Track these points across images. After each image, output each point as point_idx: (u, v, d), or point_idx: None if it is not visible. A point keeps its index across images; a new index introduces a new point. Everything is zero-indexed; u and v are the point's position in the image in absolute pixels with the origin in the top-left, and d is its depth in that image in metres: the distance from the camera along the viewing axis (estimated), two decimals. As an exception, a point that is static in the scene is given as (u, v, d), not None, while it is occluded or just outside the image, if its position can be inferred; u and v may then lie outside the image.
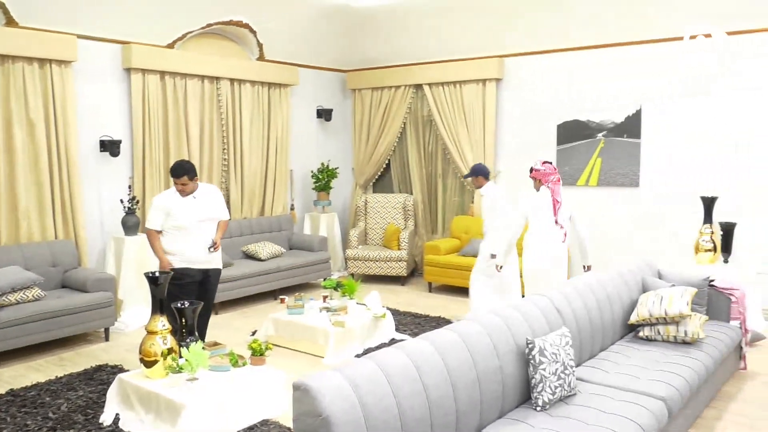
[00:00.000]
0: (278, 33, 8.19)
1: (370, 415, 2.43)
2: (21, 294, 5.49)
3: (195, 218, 5.04)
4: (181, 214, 5.00)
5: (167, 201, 5.02)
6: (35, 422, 4.18)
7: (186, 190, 5.01)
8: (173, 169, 5.00)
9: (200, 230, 5.08)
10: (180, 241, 5.02)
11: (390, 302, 7.41)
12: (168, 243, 5.04)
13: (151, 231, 5.05)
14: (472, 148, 8.34)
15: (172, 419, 3.83)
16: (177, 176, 4.97)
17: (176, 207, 5.00)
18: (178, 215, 4.99)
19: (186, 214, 5.01)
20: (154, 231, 5.04)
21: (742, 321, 4.89)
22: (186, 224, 5.01)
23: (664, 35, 6.88)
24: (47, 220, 6.28)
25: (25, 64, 6.05)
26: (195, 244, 5.06)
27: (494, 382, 3.07)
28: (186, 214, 5.01)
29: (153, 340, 4.14)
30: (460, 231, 8.43)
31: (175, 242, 5.03)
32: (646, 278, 4.85)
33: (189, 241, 5.03)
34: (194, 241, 5.05)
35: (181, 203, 5.02)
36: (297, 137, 8.99)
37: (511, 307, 3.56)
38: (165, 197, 5.07)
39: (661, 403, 3.38)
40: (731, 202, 6.57)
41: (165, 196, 5.10)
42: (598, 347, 4.16)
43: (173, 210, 4.99)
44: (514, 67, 8.10)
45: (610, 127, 7.39)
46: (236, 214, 8.14)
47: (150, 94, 7.01)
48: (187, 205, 5.03)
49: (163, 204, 5.01)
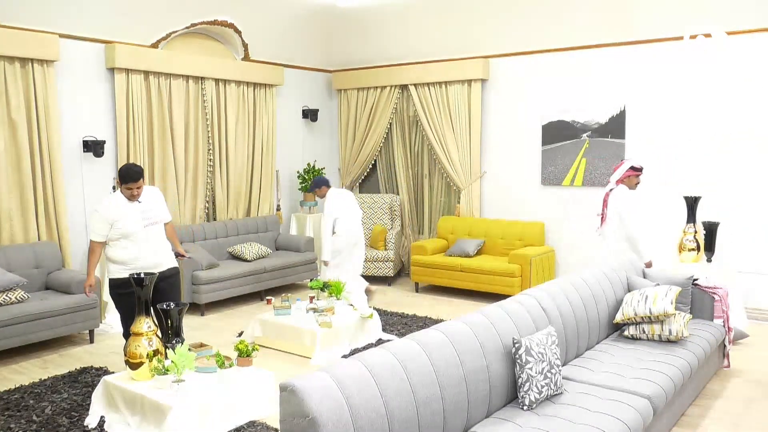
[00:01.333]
0: (263, 33, 8.16)
1: (357, 416, 2.43)
2: (4, 296, 5.43)
3: (143, 223, 4.76)
4: (129, 220, 4.71)
5: (114, 210, 4.71)
6: (19, 425, 4.13)
7: (139, 194, 4.75)
8: (127, 174, 4.69)
9: (148, 235, 4.81)
10: (130, 248, 4.74)
11: (377, 302, 7.42)
12: (116, 253, 4.73)
13: (97, 244, 4.75)
14: (458, 149, 8.36)
15: (158, 421, 3.81)
16: (134, 180, 4.68)
17: (123, 214, 4.71)
18: (126, 222, 4.70)
19: (134, 220, 4.73)
20: (100, 243, 4.75)
21: (726, 319, 4.94)
22: (135, 230, 4.73)
23: (647, 36, 6.94)
24: (30, 222, 6.22)
25: (6, 63, 5.98)
26: (146, 250, 4.79)
27: (481, 382, 3.08)
28: (134, 220, 4.73)
29: (138, 342, 4.11)
30: (447, 231, 8.45)
31: (125, 251, 4.73)
32: (631, 277, 4.88)
33: (141, 248, 4.76)
34: (146, 247, 4.78)
35: (128, 209, 4.73)
36: (283, 138, 8.96)
37: (497, 307, 3.57)
38: (111, 206, 4.74)
39: (646, 401, 3.41)
40: (714, 201, 6.64)
41: (111, 205, 4.75)
42: (584, 346, 4.19)
43: (120, 218, 4.69)
44: (499, 67, 8.13)
45: (595, 128, 7.44)
46: (222, 214, 8.10)
47: (134, 94, 6.96)
48: (134, 210, 4.75)
49: (110, 214, 4.69)
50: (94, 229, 4.75)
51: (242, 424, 4.11)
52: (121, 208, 4.71)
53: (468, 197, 8.42)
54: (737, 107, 6.57)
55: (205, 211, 7.98)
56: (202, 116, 7.81)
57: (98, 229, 4.71)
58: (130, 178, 4.66)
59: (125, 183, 4.69)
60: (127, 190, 4.70)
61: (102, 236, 4.70)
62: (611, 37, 7.19)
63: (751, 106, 6.50)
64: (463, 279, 7.64)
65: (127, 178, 4.67)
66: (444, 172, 8.62)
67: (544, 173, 7.86)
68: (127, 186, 4.69)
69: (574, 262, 7.64)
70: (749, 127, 6.53)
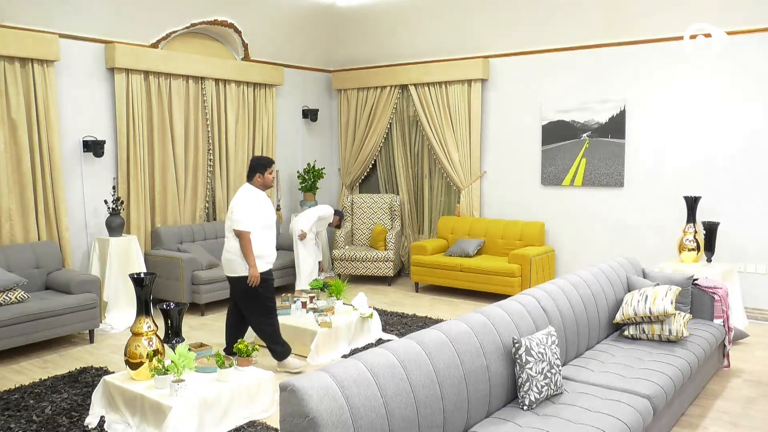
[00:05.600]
0: (263, 33, 8.16)
1: (357, 416, 2.43)
2: (4, 296, 5.43)
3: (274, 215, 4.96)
4: (270, 210, 4.86)
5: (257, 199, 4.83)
6: (19, 425, 4.13)
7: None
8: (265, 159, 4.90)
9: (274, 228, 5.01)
10: (268, 242, 4.88)
11: (377, 302, 7.42)
12: (256, 246, 4.82)
13: (248, 233, 4.79)
14: (458, 149, 8.36)
15: (158, 421, 3.81)
16: (269, 165, 4.89)
17: (265, 203, 4.83)
18: (268, 212, 4.83)
19: (272, 210, 4.91)
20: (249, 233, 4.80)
21: (726, 319, 4.94)
22: (273, 222, 4.89)
23: (647, 36, 6.95)
24: (30, 221, 6.22)
25: (6, 63, 5.98)
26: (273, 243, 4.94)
27: (481, 382, 3.08)
28: (272, 210, 4.91)
29: (138, 342, 4.11)
30: (447, 231, 8.45)
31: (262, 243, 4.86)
32: (631, 277, 4.88)
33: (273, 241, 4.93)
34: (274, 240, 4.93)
35: (265, 199, 4.86)
36: (283, 138, 8.96)
37: (497, 306, 3.57)
38: (253, 195, 4.86)
39: (646, 401, 3.41)
40: (714, 201, 6.64)
41: (251, 193, 4.88)
42: (584, 346, 4.19)
43: (263, 207, 4.81)
44: (499, 67, 8.13)
45: (595, 128, 7.44)
46: (222, 214, 8.10)
47: (134, 94, 6.97)
48: (268, 201, 4.91)
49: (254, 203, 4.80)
50: (243, 218, 4.80)
51: (242, 424, 4.11)
52: (262, 197, 4.89)
53: (468, 197, 8.42)
54: (737, 107, 6.57)
55: (205, 211, 7.98)
56: (202, 116, 7.81)
57: (249, 216, 4.80)
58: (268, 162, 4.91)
59: (265, 168, 4.89)
60: (269, 174, 4.90)
61: (252, 224, 4.81)
62: (611, 37, 7.19)
63: (751, 106, 6.50)
64: (463, 279, 7.64)
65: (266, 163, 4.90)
66: (444, 172, 8.61)
67: (544, 173, 7.86)
68: (268, 171, 4.89)
69: (574, 262, 7.65)
70: (749, 127, 6.53)
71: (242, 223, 4.81)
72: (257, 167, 4.98)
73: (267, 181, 4.98)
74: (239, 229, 4.81)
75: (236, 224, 4.82)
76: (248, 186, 5.00)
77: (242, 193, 4.96)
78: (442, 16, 7.98)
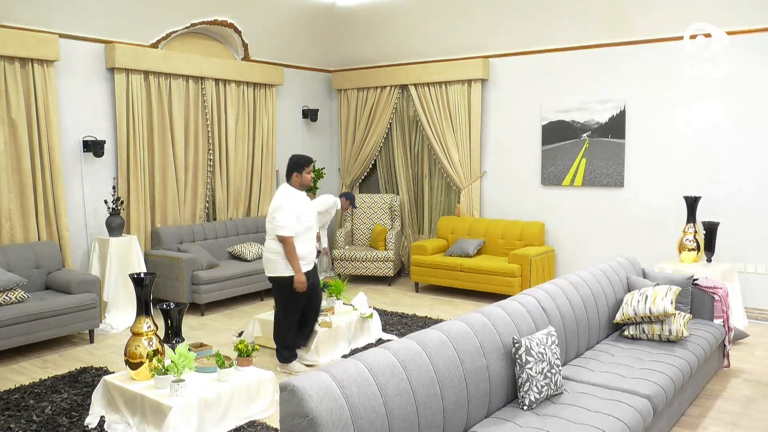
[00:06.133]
0: (263, 33, 8.16)
1: (357, 416, 2.43)
2: (4, 296, 5.43)
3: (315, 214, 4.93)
4: (308, 211, 4.82)
5: (296, 200, 4.78)
6: (19, 425, 4.13)
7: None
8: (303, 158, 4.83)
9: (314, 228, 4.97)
10: (308, 243, 4.84)
11: (377, 302, 7.42)
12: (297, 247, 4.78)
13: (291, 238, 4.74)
14: (458, 149, 8.36)
15: (158, 421, 3.81)
16: (307, 164, 4.82)
17: (303, 205, 4.78)
18: (306, 213, 4.80)
19: (311, 210, 4.87)
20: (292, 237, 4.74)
21: (726, 319, 4.94)
22: (313, 223, 4.85)
23: (647, 36, 6.95)
24: (30, 221, 6.22)
25: (6, 63, 5.98)
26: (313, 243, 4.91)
27: (481, 382, 3.08)
28: (311, 210, 4.87)
29: (138, 342, 4.10)
30: (447, 231, 8.45)
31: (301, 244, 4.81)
32: (631, 277, 4.88)
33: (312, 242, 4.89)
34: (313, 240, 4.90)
35: (304, 200, 4.81)
36: (283, 137, 8.96)
37: (497, 306, 3.57)
38: (291, 196, 4.79)
39: (647, 401, 3.41)
40: (714, 201, 6.64)
41: (290, 195, 4.81)
42: (584, 346, 4.19)
43: (301, 209, 4.77)
44: (499, 67, 8.13)
45: (595, 128, 7.44)
46: (222, 214, 8.10)
47: (134, 94, 6.97)
48: (307, 200, 4.85)
49: (294, 204, 4.74)
50: (284, 223, 4.74)
51: (242, 424, 4.11)
52: (299, 199, 4.82)
53: (468, 197, 8.42)
54: (737, 107, 6.57)
55: (205, 211, 7.98)
56: (202, 116, 7.81)
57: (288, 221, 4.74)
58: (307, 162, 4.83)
59: (303, 167, 4.81)
60: (308, 174, 4.82)
61: (292, 229, 4.76)
62: (611, 37, 7.18)
63: (751, 106, 6.50)
64: (463, 279, 7.64)
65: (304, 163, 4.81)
66: (444, 172, 8.61)
67: (544, 173, 7.87)
68: (305, 171, 4.82)
69: (574, 262, 7.64)
70: (749, 127, 6.53)
71: (285, 229, 4.76)
72: (294, 167, 4.92)
73: (305, 181, 4.92)
74: (282, 234, 4.77)
75: (279, 230, 4.78)
76: (286, 186, 4.94)
77: (281, 194, 4.89)
78: (442, 16, 7.97)
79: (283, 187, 4.96)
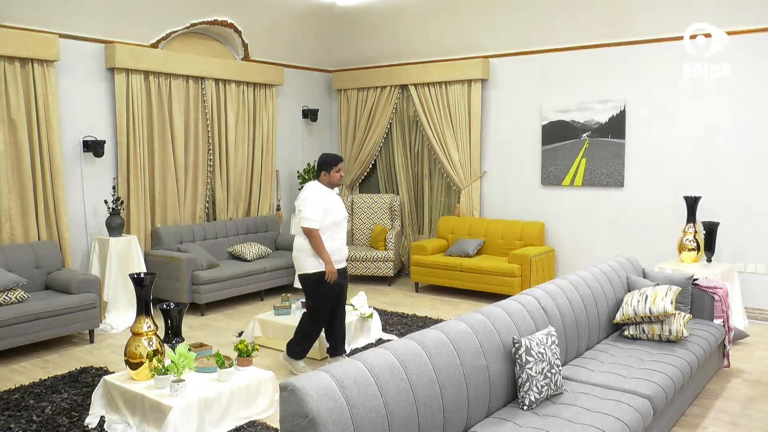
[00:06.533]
0: (263, 33, 8.16)
1: (357, 416, 2.43)
2: (4, 296, 5.43)
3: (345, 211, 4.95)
4: (338, 207, 4.86)
5: (323, 196, 4.80)
6: (19, 425, 4.13)
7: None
8: (331, 158, 4.86)
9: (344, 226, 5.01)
10: (336, 240, 4.87)
11: (377, 302, 7.42)
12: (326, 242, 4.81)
13: (317, 230, 4.75)
14: (458, 149, 8.36)
15: (158, 421, 3.81)
16: (336, 163, 4.85)
17: (331, 200, 4.82)
18: (336, 209, 4.83)
19: (341, 206, 4.91)
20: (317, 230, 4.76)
21: (725, 319, 4.94)
22: (341, 219, 4.88)
23: (647, 36, 6.94)
24: (30, 221, 6.22)
25: (6, 63, 5.98)
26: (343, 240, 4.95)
27: (481, 382, 3.08)
28: (341, 206, 4.91)
29: (138, 342, 4.10)
30: (447, 231, 8.45)
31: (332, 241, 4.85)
32: (631, 277, 4.88)
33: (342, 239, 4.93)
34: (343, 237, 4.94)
35: (333, 196, 4.86)
36: (283, 137, 8.96)
37: (497, 306, 3.57)
38: (319, 191, 4.83)
39: (646, 401, 3.41)
40: (714, 201, 6.64)
41: (317, 189, 4.84)
42: (584, 346, 4.19)
43: (330, 204, 4.80)
44: (499, 67, 8.13)
45: (595, 128, 7.44)
46: (222, 214, 8.10)
47: (134, 94, 6.97)
48: (337, 197, 4.91)
49: (320, 199, 4.77)
50: (309, 216, 4.74)
51: (242, 424, 4.11)
52: (327, 194, 4.85)
53: (468, 197, 8.42)
54: (737, 107, 6.57)
55: (205, 211, 7.98)
56: (202, 116, 7.81)
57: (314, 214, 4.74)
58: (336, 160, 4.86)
59: (332, 166, 4.84)
60: (336, 173, 4.86)
61: (318, 222, 4.76)
62: (611, 37, 7.18)
63: (750, 106, 6.50)
64: (463, 279, 7.64)
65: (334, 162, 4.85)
66: (444, 172, 8.61)
67: (544, 173, 7.87)
68: (335, 169, 4.85)
69: (574, 262, 7.65)
70: (749, 127, 6.53)
71: (310, 222, 4.75)
72: (323, 165, 4.92)
73: (333, 180, 4.91)
74: (307, 226, 4.75)
75: (304, 222, 4.76)
76: (315, 183, 4.94)
77: (309, 189, 4.89)
78: (442, 16, 7.98)
79: (312, 183, 4.96)
